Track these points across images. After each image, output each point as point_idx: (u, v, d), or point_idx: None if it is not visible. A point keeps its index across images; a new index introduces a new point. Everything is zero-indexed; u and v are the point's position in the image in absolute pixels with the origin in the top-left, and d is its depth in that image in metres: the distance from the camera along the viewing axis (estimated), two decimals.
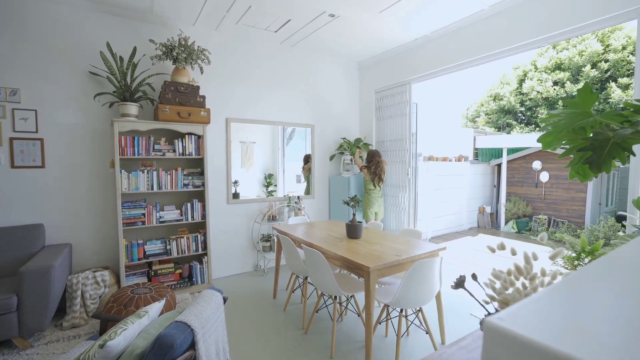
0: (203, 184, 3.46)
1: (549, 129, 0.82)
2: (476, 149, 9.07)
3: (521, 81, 11.74)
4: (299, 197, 4.30)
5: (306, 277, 2.78)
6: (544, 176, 7.74)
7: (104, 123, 3.24)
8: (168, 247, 3.31)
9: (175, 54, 3.15)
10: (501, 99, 12.24)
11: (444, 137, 7.92)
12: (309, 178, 4.66)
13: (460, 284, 0.65)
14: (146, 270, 3.24)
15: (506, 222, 8.00)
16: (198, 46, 3.32)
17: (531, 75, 11.22)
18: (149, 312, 1.47)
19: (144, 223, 3.17)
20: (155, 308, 1.53)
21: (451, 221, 7.58)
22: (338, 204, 4.54)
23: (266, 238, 4.07)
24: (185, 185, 3.39)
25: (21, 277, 2.24)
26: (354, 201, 2.74)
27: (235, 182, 4.01)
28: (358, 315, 2.84)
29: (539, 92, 10.90)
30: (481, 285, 0.62)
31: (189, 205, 3.41)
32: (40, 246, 2.84)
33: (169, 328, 1.22)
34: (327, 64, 4.69)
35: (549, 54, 10.79)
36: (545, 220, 7.50)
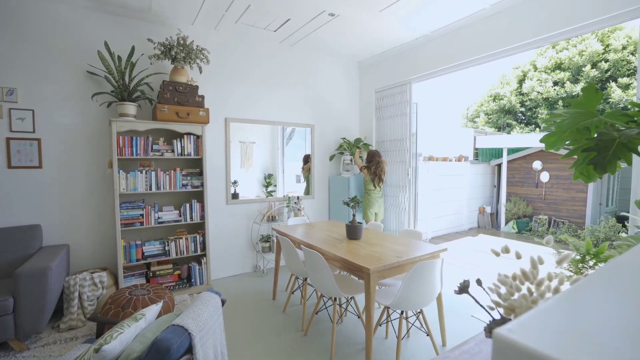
0: (202, 185, 3.44)
1: (552, 129, 0.80)
2: (476, 149, 9.05)
3: (521, 81, 11.72)
4: (298, 198, 4.28)
5: (306, 279, 2.76)
6: (544, 176, 7.73)
7: (101, 123, 3.22)
8: (167, 248, 3.29)
9: (173, 53, 3.13)
10: (501, 98, 12.23)
11: (444, 137, 7.90)
12: (308, 178, 4.63)
13: (464, 289, 0.63)
14: (144, 271, 3.22)
15: (506, 222, 7.98)
16: (197, 45, 3.29)
17: (531, 75, 11.20)
18: (145, 315, 1.44)
19: (142, 224, 3.15)
20: (152, 311, 1.51)
21: (451, 221, 7.57)
22: (338, 205, 4.52)
23: (265, 239, 4.05)
24: (184, 185, 3.37)
25: (17, 278, 2.22)
26: (354, 202, 2.72)
27: (235, 182, 3.99)
28: (358, 317, 2.82)
29: (539, 92, 10.88)
30: (485, 290, 0.60)
31: (187, 205, 3.39)
32: (37, 247, 2.82)
33: (166, 332, 1.19)
34: (327, 64, 4.67)
35: (549, 53, 10.78)
36: (546, 221, 7.48)
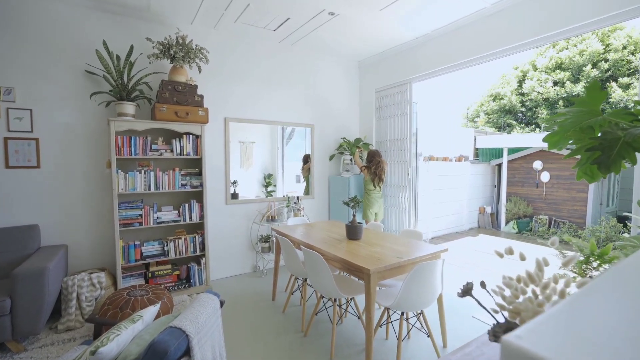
0: (201, 184, 3.42)
1: (554, 129, 0.79)
2: (476, 148, 9.04)
3: (521, 81, 11.71)
4: (298, 198, 4.26)
5: (305, 279, 2.74)
6: (544, 176, 7.71)
7: (100, 123, 3.20)
8: (165, 248, 3.27)
9: (172, 53, 3.11)
10: (501, 98, 12.21)
11: (444, 137, 7.89)
12: (308, 178, 4.62)
13: (467, 291, 0.61)
14: (143, 271, 3.20)
15: (507, 223, 7.97)
16: (196, 45, 3.28)
17: (531, 75, 11.18)
18: (143, 316, 1.43)
19: (141, 224, 3.13)
20: (150, 312, 1.50)
21: (451, 221, 7.55)
22: (338, 205, 4.50)
23: (265, 239, 4.03)
24: (183, 185, 3.35)
25: (15, 279, 2.20)
26: (354, 202, 2.71)
27: (234, 182, 3.97)
28: (358, 318, 2.80)
29: (539, 92, 10.87)
30: (489, 293, 0.59)
31: (186, 205, 3.37)
32: (35, 247, 2.80)
33: (163, 334, 1.18)
34: (326, 63, 4.65)
35: (549, 53, 10.76)
36: (546, 221, 7.46)
